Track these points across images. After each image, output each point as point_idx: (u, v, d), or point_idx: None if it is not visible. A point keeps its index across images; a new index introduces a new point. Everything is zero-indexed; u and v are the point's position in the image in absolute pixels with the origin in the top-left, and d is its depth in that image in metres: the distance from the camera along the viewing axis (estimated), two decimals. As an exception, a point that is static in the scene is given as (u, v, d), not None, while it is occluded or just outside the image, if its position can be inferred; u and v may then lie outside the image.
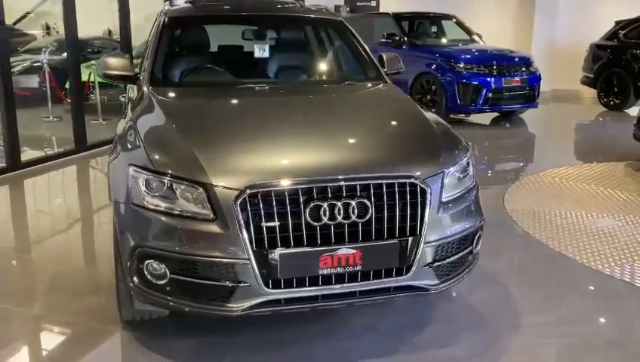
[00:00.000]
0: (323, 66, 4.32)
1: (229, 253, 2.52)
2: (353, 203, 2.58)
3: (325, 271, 2.59)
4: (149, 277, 2.66)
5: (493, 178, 6.63)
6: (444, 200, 2.82)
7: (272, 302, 2.61)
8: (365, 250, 2.62)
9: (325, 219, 2.56)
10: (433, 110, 9.14)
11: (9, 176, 6.11)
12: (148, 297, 2.71)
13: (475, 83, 8.95)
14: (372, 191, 2.63)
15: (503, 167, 7.34)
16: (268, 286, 2.56)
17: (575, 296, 3.59)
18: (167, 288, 2.65)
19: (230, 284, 2.56)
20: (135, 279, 2.70)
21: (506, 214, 5.05)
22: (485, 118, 9.91)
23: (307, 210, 2.54)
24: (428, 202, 2.70)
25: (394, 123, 3.28)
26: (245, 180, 2.55)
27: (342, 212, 2.57)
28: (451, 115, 9.41)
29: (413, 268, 2.71)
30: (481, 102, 9.02)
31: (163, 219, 2.61)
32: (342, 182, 2.60)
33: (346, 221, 2.59)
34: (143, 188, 2.67)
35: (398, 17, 10.47)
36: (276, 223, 2.52)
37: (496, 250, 4.29)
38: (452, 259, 2.87)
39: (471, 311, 3.43)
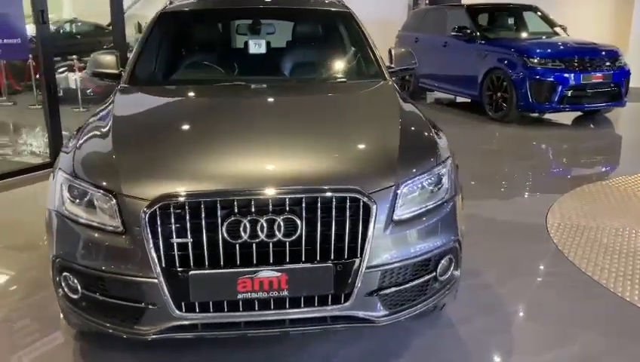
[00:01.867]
0: (318, 63, 3.95)
1: (136, 271, 2.28)
2: (279, 219, 2.26)
3: (245, 296, 2.28)
4: (66, 289, 2.49)
5: (546, 185, 5.95)
6: (397, 217, 2.42)
7: (187, 327, 2.34)
8: (292, 273, 2.28)
9: (245, 237, 2.25)
10: (504, 108, 8.58)
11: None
12: (69, 311, 2.54)
13: (550, 79, 8.15)
14: (304, 205, 2.29)
15: (565, 171, 6.58)
16: (181, 310, 2.30)
17: (591, 333, 3.03)
18: (83, 303, 2.46)
19: (139, 305, 2.33)
20: (59, 291, 2.54)
21: (545, 228, 4.46)
22: (567, 118, 9.06)
23: (224, 226, 2.24)
24: (372, 220, 2.32)
25: (357, 128, 2.88)
26: (158, 190, 2.29)
27: (265, 229, 2.25)
28: (523, 114, 8.66)
29: (354, 296, 2.34)
30: (556, 100, 8.21)
31: (77, 229, 2.42)
32: (268, 195, 2.29)
33: (270, 239, 2.27)
34: (67, 194, 2.50)
35: (471, 9, 9.81)
36: (189, 240, 2.25)
37: (513, 270, 3.76)
38: (405, 286, 2.46)
39: (457, 343, 2.97)
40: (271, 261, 2.28)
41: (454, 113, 9.74)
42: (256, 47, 3.82)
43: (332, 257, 2.31)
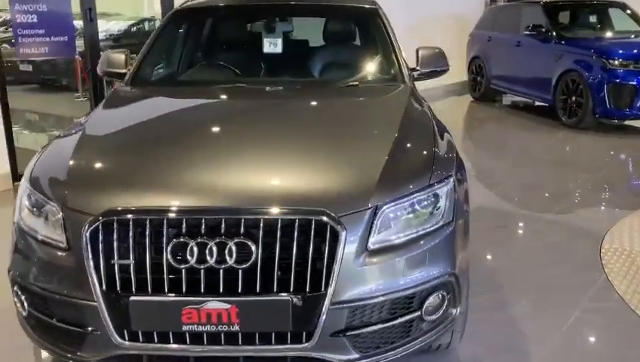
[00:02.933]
0: (332, 64, 3.59)
1: (75, 292, 2.07)
2: (230, 243, 1.98)
3: (191, 328, 2.02)
4: (18, 305, 2.33)
5: (614, 201, 5.32)
6: (373, 245, 2.08)
7: (130, 357, 2.11)
8: (243, 305, 2.00)
9: (192, 262, 1.99)
10: (578, 113, 7.86)
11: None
12: (23, 327, 2.37)
13: (632, 83, 7.36)
14: (261, 228, 2.00)
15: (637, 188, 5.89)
16: (123, 338, 2.06)
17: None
18: (32, 321, 2.29)
19: (80, 330, 2.12)
20: (16, 305, 2.38)
21: (598, 253, 3.92)
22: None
23: (169, 248, 1.99)
24: (340, 247, 2.00)
25: (345, 140, 2.52)
26: (103, 204, 2.07)
27: (215, 253, 1.98)
28: (600, 121, 7.89)
29: (316, 336, 2.02)
30: (638, 106, 7.42)
31: (28, 241, 2.24)
32: (220, 215, 2.01)
33: (220, 266, 1.99)
34: (25, 203, 2.33)
35: (549, 6, 9.07)
36: (131, 261, 2.01)
37: (548, 302, 3.29)
38: (381, 326, 2.11)
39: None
40: (220, 290, 2.00)
41: (527, 118, 9.07)
42: (271, 46, 3.55)
43: (291, 289, 2.00)
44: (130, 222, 2.02)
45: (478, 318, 2.96)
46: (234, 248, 1.98)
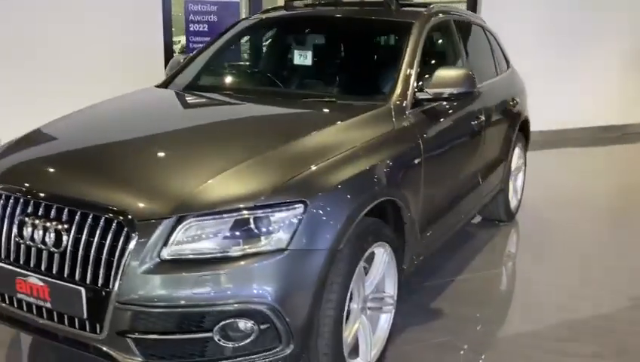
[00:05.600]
0: (330, 79, 3.56)
1: None
2: (52, 228, 2.20)
3: (22, 297, 2.28)
4: None
5: None
6: (167, 256, 2.09)
7: None
8: (53, 286, 2.20)
9: (27, 238, 2.26)
10: None
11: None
12: None
13: None
14: (76, 218, 2.18)
15: None
16: None
17: None
18: None
19: None
20: None
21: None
22: None
23: (16, 223, 2.30)
24: (128, 250, 2.07)
25: (215, 149, 2.57)
26: None
27: (41, 234, 2.23)
28: None
29: (105, 330, 2.12)
30: None
31: None
32: (49, 201, 2.26)
33: (43, 246, 2.22)
34: None
35: None
36: None
37: None
38: (166, 337, 2.10)
39: None
40: (41, 269, 2.23)
41: None
42: (303, 59, 3.60)
43: (87, 281, 2.13)
44: (3, 196, 2.37)
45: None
46: (53, 233, 2.19)
